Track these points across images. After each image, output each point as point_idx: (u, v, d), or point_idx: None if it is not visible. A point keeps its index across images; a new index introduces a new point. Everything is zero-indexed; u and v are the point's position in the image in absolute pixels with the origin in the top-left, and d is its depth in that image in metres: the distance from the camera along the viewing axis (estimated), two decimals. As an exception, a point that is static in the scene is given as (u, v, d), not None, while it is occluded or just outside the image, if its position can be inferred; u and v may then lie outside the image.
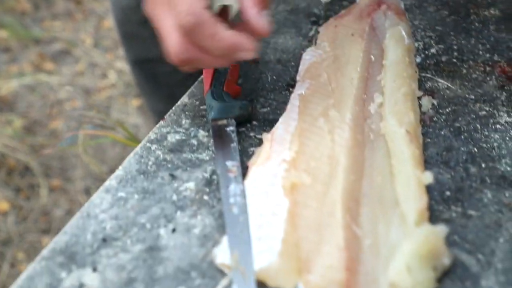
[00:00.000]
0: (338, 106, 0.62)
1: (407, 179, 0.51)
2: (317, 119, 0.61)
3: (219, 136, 0.60)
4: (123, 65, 2.16)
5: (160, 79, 1.31)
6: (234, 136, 0.60)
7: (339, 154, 0.56)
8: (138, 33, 1.23)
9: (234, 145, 0.58)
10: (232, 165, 0.56)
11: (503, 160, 0.58)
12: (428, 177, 0.52)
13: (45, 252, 0.48)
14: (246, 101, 0.65)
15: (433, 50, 0.79)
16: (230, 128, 0.60)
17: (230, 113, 0.62)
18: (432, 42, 0.81)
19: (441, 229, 0.47)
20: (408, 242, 0.45)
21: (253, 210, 0.50)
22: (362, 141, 0.59)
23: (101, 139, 1.30)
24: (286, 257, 0.46)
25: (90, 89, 2.13)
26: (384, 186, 0.53)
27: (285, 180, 0.52)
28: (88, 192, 1.87)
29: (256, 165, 0.56)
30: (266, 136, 0.59)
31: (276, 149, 0.57)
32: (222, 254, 0.47)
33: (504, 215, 0.52)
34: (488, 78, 0.72)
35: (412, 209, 0.49)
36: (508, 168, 0.57)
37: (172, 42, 0.56)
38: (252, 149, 0.60)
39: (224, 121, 0.61)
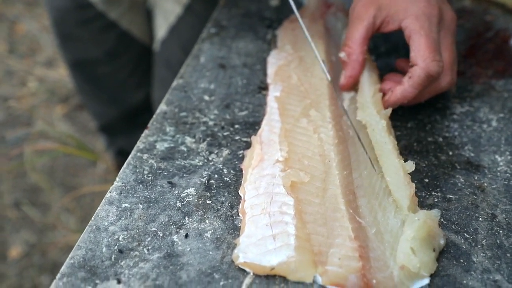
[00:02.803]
0: (316, 106, 0.66)
1: (395, 169, 0.56)
2: (299, 120, 0.64)
3: None
4: (43, 71, 2.08)
5: (100, 81, 1.29)
6: None
7: (329, 151, 0.59)
8: (76, 34, 1.20)
9: None
10: None
11: (466, 147, 0.65)
12: (410, 166, 0.57)
13: (64, 268, 0.48)
14: None
15: (382, 49, 0.85)
16: None
17: None
18: (379, 41, 0.87)
19: (435, 213, 0.52)
20: (409, 228, 0.50)
21: (260, 211, 0.53)
22: (344, 137, 0.63)
23: (50, 153, 1.25)
24: (302, 251, 0.49)
25: (9, 98, 2.03)
26: (371, 177, 0.58)
27: (285, 179, 0.55)
28: (18, 206, 1.79)
29: (252, 167, 0.58)
30: (254, 139, 0.62)
31: (267, 151, 0.60)
32: (243, 254, 0.49)
33: (477, 197, 0.58)
34: (436, 73, 0.79)
35: (404, 197, 0.54)
36: (472, 154, 0.64)
37: None
38: (240, 152, 0.63)
39: None
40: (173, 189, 0.57)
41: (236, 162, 0.61)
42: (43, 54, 2.14)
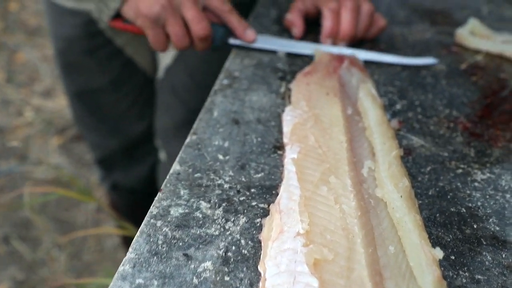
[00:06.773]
0: (335, 171, 0.64)
1: (417, 251, 0.53)
2: (318, 187, 0.62)
3: None
4: (40, 101, 2.05)
5: (102, 111, 1.27)
6: None
7: (353, 225, 0.57)
8: (81, 63, 1.18)
9: None
10: None
11: (490, 219, 0.63)
12: (439, 253, 0.54)
13: None
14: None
15: (398, 106, 0.83)
16: None
17: None
18: (395, 97, 0.86)
19: (467, 301, 0.50)
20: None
21: (282, 291, 0.50)
22: (365, 207, 0.60)
23: (49, 196, 1.22)
24: None
25: (4, 128, 1.99)
26: (398, 255, 0.55)
27: (308, 257, 0.52)
28: (7, 241, 1.74)
29: (271, 240, 0.55)
30: (273, 207, 0.59)
31: (287, 221, 0.57)
32: None
33: (507, 278, 0.56)
34: (454, 135, 0.77)
35: (427, 282, 0.51)
36: (497, 228, 0.62)
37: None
38: (258, 220, 0.60)
39: None
40: (189, 262, 0.54)
41: (254, 231, 0.58)
42: (41, 84, 2.11)
